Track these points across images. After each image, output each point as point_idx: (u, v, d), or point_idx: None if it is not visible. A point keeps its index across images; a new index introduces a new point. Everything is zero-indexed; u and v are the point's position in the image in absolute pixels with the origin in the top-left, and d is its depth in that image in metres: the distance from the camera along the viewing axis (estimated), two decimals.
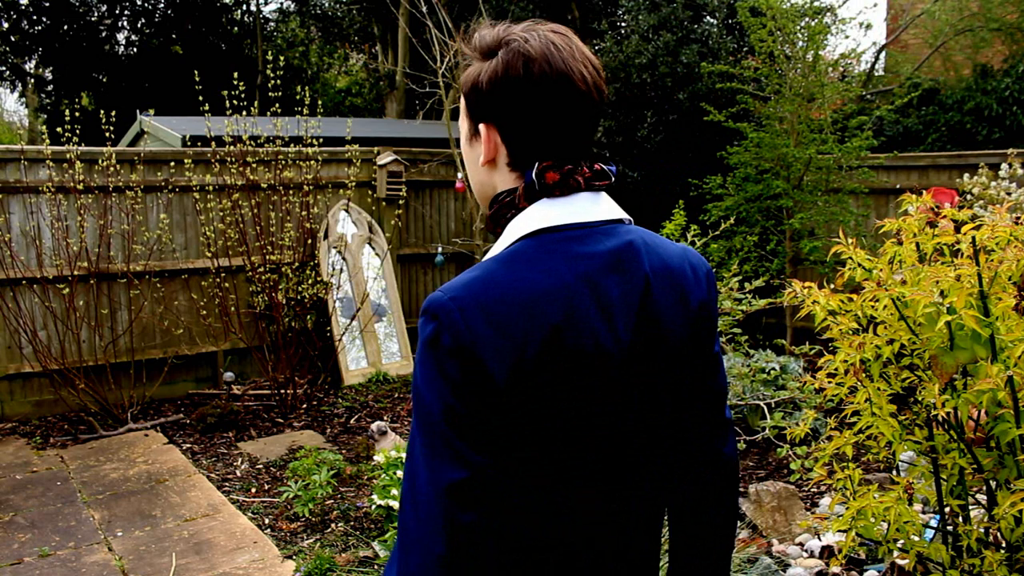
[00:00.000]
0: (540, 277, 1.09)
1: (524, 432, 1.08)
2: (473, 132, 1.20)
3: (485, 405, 1.06)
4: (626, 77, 7.77)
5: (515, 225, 1.16)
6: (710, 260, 5.85)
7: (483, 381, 1.06)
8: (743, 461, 4.65)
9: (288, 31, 18.55)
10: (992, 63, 9.38)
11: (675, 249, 1.24)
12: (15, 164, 5.70)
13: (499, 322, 1.07)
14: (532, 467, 1.10)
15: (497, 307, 1.07)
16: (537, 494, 1.11)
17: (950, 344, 1.68)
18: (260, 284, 6.22)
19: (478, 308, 1.07)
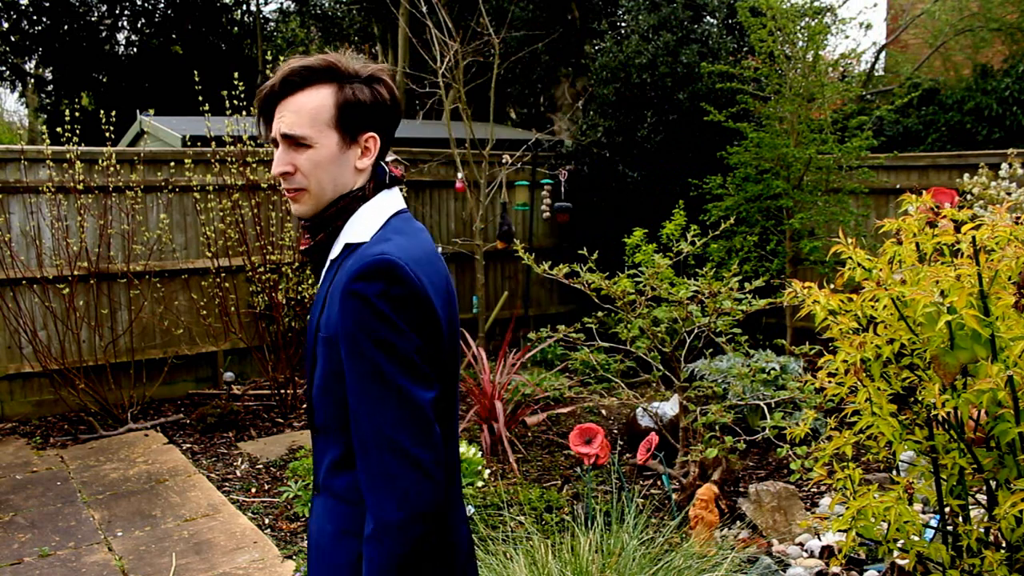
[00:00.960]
0: (424, 242, 1.45)
1: (445, 363, 1.41)
2: (351, 141, 1.43)
3: (434, 340, 1.36)
4: (626, 77, 7.77)
5: (373, 209, 1.45)
6: (710, 260, 5.84)
7: (434, 320, 1.36)
8: (744, 461, 4.65)
9: (288, 31, 18.55)
10: (992, 63, 9.38)
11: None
12: (15, 164, 5.70)
13: (428, 273, 1.38)
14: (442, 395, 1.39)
15: (422, 263, 1.37)
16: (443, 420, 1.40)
17: (950, 344, 1.68)
18: (260, 284, 6.22)
19: (415, 263, 1.35)
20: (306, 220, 1.48)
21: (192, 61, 14.18)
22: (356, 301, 1.30)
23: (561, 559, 3.04)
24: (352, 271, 1.32)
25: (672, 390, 4.94)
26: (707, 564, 3.12)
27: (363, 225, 1.44)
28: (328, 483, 1.45)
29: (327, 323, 1.38)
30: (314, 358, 1.43)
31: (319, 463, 1.48)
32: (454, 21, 6.94)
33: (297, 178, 1.42)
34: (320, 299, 1.44)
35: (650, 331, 4.32)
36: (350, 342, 1.31)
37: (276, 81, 1.40)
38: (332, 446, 1.43)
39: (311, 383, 1.45)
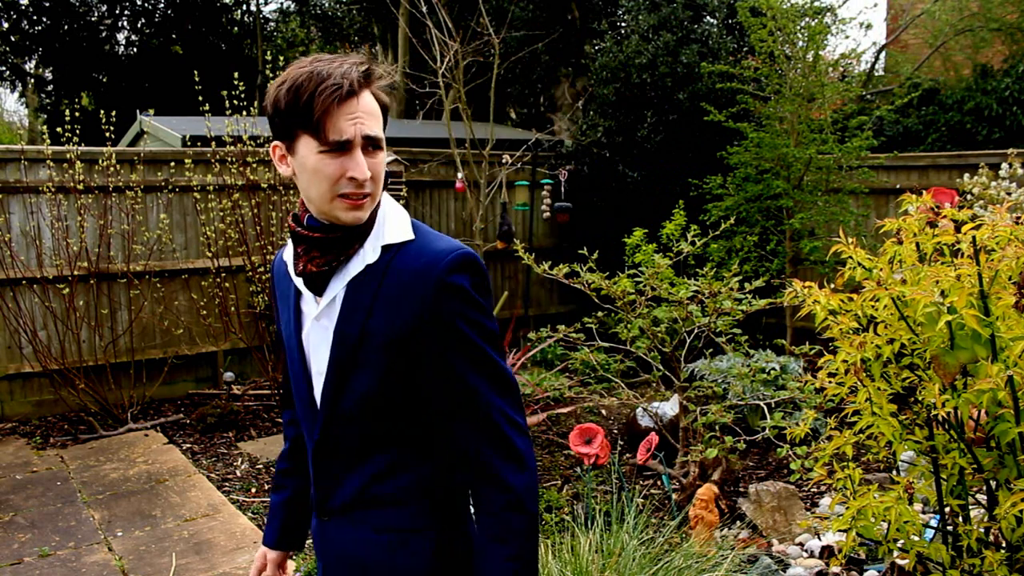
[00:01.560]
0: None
1: None
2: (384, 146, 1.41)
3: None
4: (626, 77, 7.77)
5: (392, 207, 1.45)
6: (710, 260, 5.84)
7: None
8: (744, 461, 4.66)
9: (288, 31, 18.55)
10: (992, 63, 9.38)
11: None
12: (15, 164, 5.70)
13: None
14: None
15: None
16: None
17: (951, 344, 1.68)
18: (260, 284, 6.22)
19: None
20: (330, 232, 1.39)
21: (192, 61, 14.18)
22: (453, 292, 1.34)
23: (561, 559, 3.04)
24: (441, 265, 1.34)
25: (672, 390, 4.94)
26: (707, 564, 3.12)
27: (398, 224, 1.42)
28: (370, 495, 1.42)
29: (388, 328, 1.36)
30: (352, 368, 1.39)
31: (341, 481, 1.44)
32: (454, 21, 6.94)
33: (368, 184, 1.36)
34: (361, 305, 1.38)
35: (650, 331, 4.32)
36: (449, 332, 1.34)
37: (353, 79, 1.32)
38: (377, 455, 1.41)
39: (341, 397, 1.40)
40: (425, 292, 1.34)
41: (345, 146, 1.32)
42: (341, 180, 1.33)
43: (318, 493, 1.48)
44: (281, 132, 1.38)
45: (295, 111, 1.32)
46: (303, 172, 1.36)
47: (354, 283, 1.39)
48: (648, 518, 3.59)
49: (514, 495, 1.37)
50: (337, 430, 1.42)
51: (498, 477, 1.37)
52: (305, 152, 1.34)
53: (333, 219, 1.37)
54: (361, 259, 1.39)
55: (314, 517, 1.52)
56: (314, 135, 1.32)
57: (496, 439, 1.37)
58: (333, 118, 1.31)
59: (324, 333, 1.42)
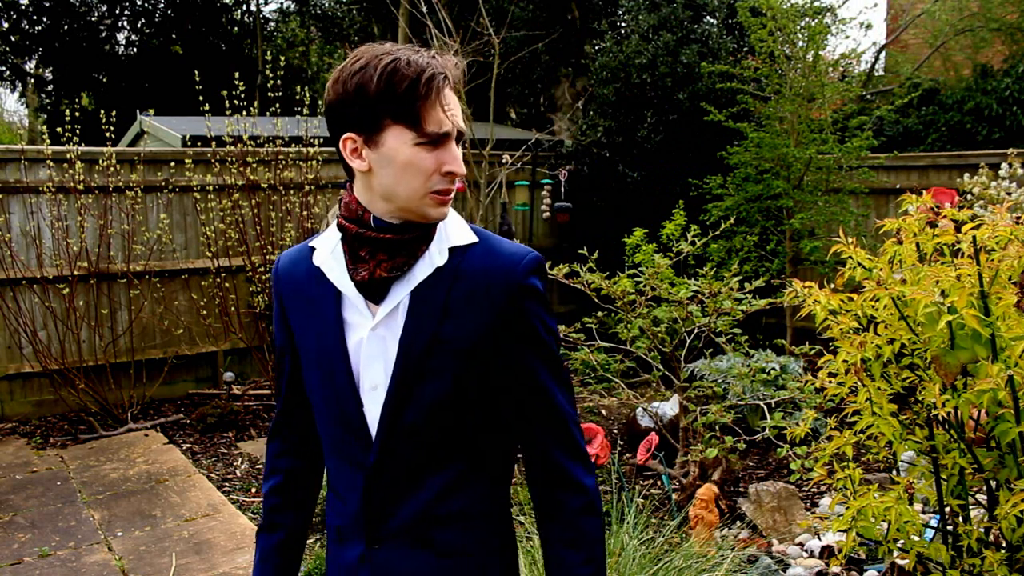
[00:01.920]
0: None
1: None
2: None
3: None
4: (626, 77, 7.76)
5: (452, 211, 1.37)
6: (710, 260, 5.84)
7: None
8: (744, 461, 4.65)
9: (288, 31, 18.54)
10: (992, 63, 9.37)
11: None
12: (15, 164, 5.70)
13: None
14: None
15: None
16: None
17: (951, 344, 1.68)
18: (260, 284, 6.22)
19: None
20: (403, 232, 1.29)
21: (192, 61, 14.17)
22: (531, 297, 1.32)
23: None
24: (519, 268, 1.30)
25: (672, 390, 4.94)
26: (707, 564, 3.12)
27: (459, 226, 1.36)
28: (433, 515, 1.33)
29: (462, 332, 1.29)
30: (420, 379, 1.29)
31: (400, 502, 1.33)
32: (454, 21, 6.94)
33: (458, 181, 1.30)
34: (431, 311, 1.29)
35: (650, 331, 4.32)
36: (526, 334, 1.32)
37: (450, 70, 1.25)
38: (439, 472, 1.32)
39: (405, 410, 1.30)
40: (502, 294, 1.29)
41: (443, 139, 1.25)
42: (435, 175, 1.25)
43: (370, 517, 1.34)
44: (362, 122, 1.25)
45: (390, 99, 1.21)
46: (389, 166, 1.25)
47: (420, 288, 1.30)
48: (648, 518, 3.59)
49: (587, 497, 1.35)
50: (398, 448, 1.32)
51: (572, 479, 1.34)
52: (396, 144, 1.24)
53: (420, 216, 1.28)
54: (428, 262, 1.31)
55: (353, 548, 1.37)
56: (411, 126, 1.22)
57: (567, 442, 1.35)
58: (434, 108, 1.22)
59: (382, 344, 1.31)
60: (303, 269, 1.40)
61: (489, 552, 1.37)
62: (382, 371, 1.31)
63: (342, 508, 1.39)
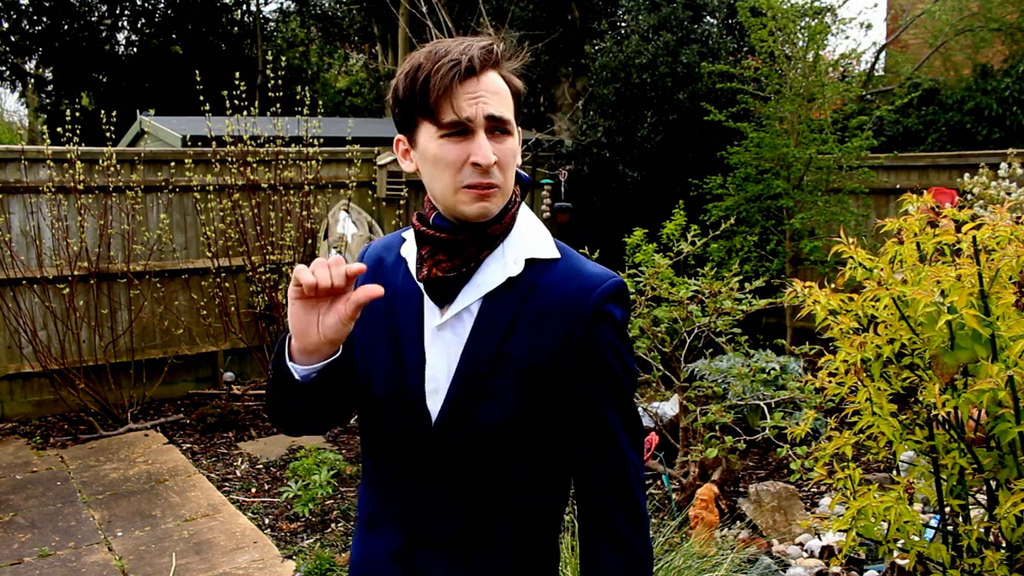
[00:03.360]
0: None
1: None
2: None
3: None
4: (626, 77, 7.76)
5: (531, 217, 1.32)
6: (710, 260, 5.84)
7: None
8: (744, 461, 4.65)
9: (288, 31, 18.54)
10: (992, 63, 9.37)
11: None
12: (15, 164, 5.70)
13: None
14: None
15: None
16: None
17: (951, 344, 1.68)
18: (260, 284, 6.22)
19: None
20: (457, 232, 1.24)
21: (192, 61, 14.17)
22: (608, 325, 1.23)
23: (561, 559, 3.04)
24: (599, 291, 1.23)
25: (672, 390, 4.94)
26: (707, 564, 3.12)
27: (542, 239, 1.28)
28: (478, 532, 1.28)
29: (528, 352, 1.22)
30: (480, 395, 1.23)
31: (447, 512, 1.28)
32: (454, 21, 6.94)
33: (495, 172, 1.21)
34: (500, 322, 1.24)
35: (650, 331, 4.32)
36: (597, 366, 1.23)
37: (474, 56, 1.18)
38: (486, 490, 1.27)
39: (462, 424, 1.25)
40: (577, 318, 1.21)
41: (466, 128, 1.19)
42: (464, 168, 1.20)
43: (414, 518, 1.30)
44: (403, 123, 1.26)
45: (413, 96, 1.20)
46: (424, 164, 1.24)
47: (491, 297, 1.25)
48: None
49: (632, 561, 1.25)
50: (449, 459, 1.27)
51: (620, 538, 1.25)
52: (425, 140, 1.22)
53: (458, 215, 1.23)
54: (501, 270, 1.25)
55: (385, 542, 1.34)
56: (432, 119, 1.20)
57: (625, 496, 1.26)
58: (450, 98, 1.18)
59: (445, 347, 1.27)
60: (393, 257, 1.38)
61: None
62: (443, 375, 1.26)
63: (379, 501, 1.35)
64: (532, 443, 1.26)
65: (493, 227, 1.25)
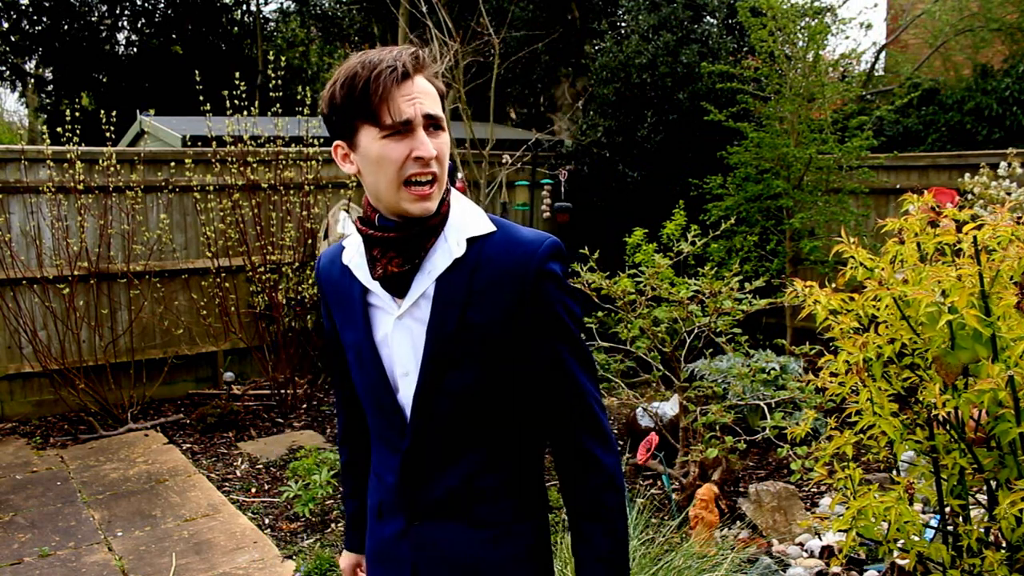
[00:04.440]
0: None
1: None
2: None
3: None
4: (626, 77, 7.76)
5: (461, 199, 1.44)
6: (710, 260, 5.84)
7: None
8: (744, 461, 4.65)
9: (288, 31, 18.54)
10: (992, 63, 9.37)
11: None
12: (15, 164, 5.70)
13: None
14: None
15: None
16: None
17: (951, 344, 1.68)
18: (260, 284, 6.22)
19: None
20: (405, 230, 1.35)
21: (192, 61, 14.17)
22: (551, 282, 1.37)
23: (561, 559, 3.04)
24: (539, 253, 1.35)
25: (672, 390, 4.94)
26: (707, 564, 3.12)
27: (476, 217, 1.41)
28: (465, 492, 1.42)
29: (486, 319, 1.35)
30: (449, 365, 1.37)
31: (434, 482, 1.43)
32: (454, 21, 6.94)
33: (434, 164, 1.32)
34: (455, 299, 1.36)
35: (650, 331, 4.32)
36: (549, 321, 1.37)
37: (406, 62, 1.30)
38: (471, 454, 1.41)
39: (436, 396, 1.38)
40: (524, 280, 1.34)
41: (407, 126, 1.30)
42: (407, 162, 1.31)
43: (407, 497, 1.45)
44: (341, 129, 1.35)
45: (352, 102, 1.30)
46: (367, 164, 1.34)
47: (443, 279, 1.37)
48: (648, 518, 3.59)
49: (607, 474, 1.41)
50: (430, 431, 1.41)
51: (593, 457, 1.40)
52: (367, 142, 1.32)
53: (401, 212, 1.34)
54: (447, 253, 1.38)
55: (392, 524, 1.48)
56: (374, 122, 1.30)
57: (591, 423, 1.41)
58: (391, 101, 1.29)
59: (408, 333, 1.40)
60: (338, 266, 1.50)
61: (520, 522, 1.45)
62: (412, 358, 1.39)
63: (383, 488, 1.50)
64: (502, 401, 1.40)
65: (433, 219, 1.36)
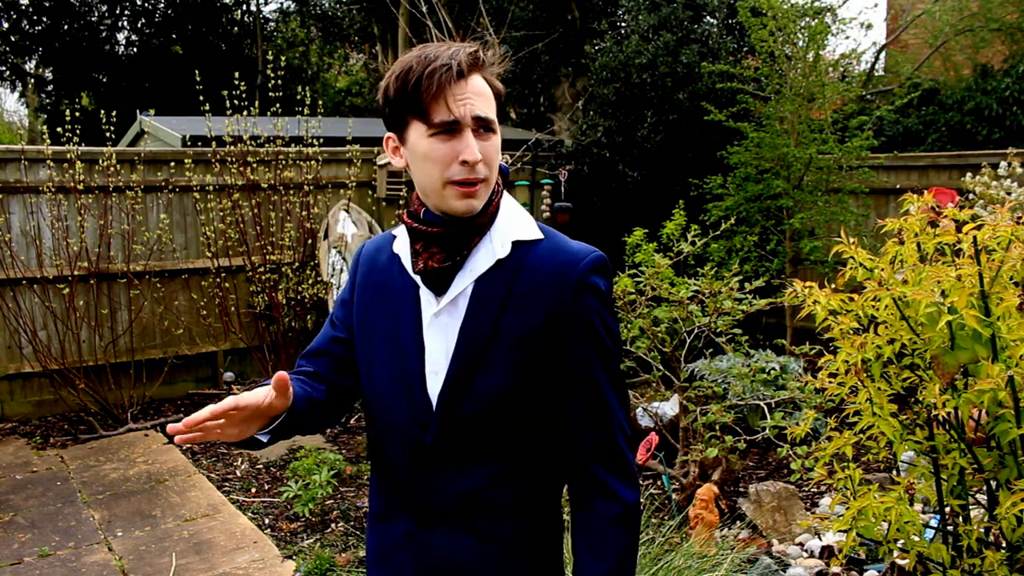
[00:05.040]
0: None
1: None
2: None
3: None
4: (626, 77, 7.76)
5: (513, 203, 1.40)
6: (710, 260, 5.84)
7: None
8: (744, 461, 4.65)
9: (288, 31, 18.54)
10: (992, 63, 9.37)
11: None
12: (15, 164, 5.70)
13: None
14: None
15: None
16: None
17: (951, 344, 1.68)
18: (260, 284, 6.22)
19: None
20: (450, 226, 1.32)
21: (192, 61, 14.17)
22: (592, 294, 1.33)
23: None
24: (582, 265, 1.32)
25: (672, 390, 4.94)
26: (707, 564, 3.12)
27: (525, 222, 1.38)
28: (480, 502, 1.36)
29: (522, 324, 1.31)
30: (479, 368, 1.33)
31: (449, 487, 1.36)
32: (454, 21, 6.95)
33: (481, 168, 1.30)
34: (493, 301, 1.33)
35: (650, 331, 4.32)
36: (585, 331, 1.33)
37: (462, 60, 1.27)
38: (490, 461, 1.35)
39: (464, 398, 1.33)
40: (564, 290, 1.31)
41: (454, 127, 1.27)
42: (452, 164, 1.28)
43: (419, 500, 1.39)
44: (393, 122, 1.34)
45: (404, 96, 1.28)
46: (415, 160, 1.33)
47: (483, 279, 1.34)
48: (648, 518, 3.59)
49: (623, 509, 1.34)
50: (453, 433, 1.35)
51: (610, 488, 1.34)
52: (415, 138, 1.31)
53: (446, 210, 1.32)
54: (490, 254, 1.35)
55: (397, 526, 1.42)
56: (423, 118, 1.28)
57: (613, 450, 1.35)
58: (441, 99, 1.27)
59: (443, 331, 1.36)
60: (386, 256, 1.46)
61: (532, 541, 1.39)
62: (443, 357, 1.35)
63: (389, 489, 1.44)
64: (529, 410, 1.34)
65: (480, 218, 1.33)
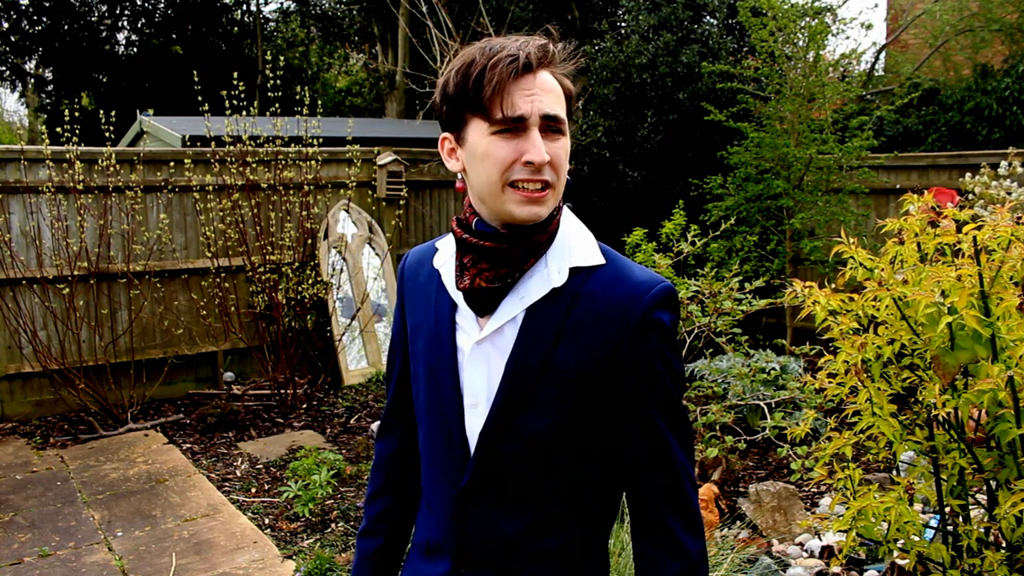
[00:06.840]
0: None
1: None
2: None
3: None
4: (626, 77, 7.76)
5: (576, 222, 1.28)
6: (710, 260, 5.84)
7: None
8: (744, 461, 4.65)
9: (288, 31, 18.55)
10: (992, 63, 9.38)
11: None
12: (15, 164, 5.70)
13: None
14: None
15: None
16: None
17: (951, 344, 1.68)
18: (260, 284, 6.22)
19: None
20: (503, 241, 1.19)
21: (192, 61, 14.17)
22: (656, 332, 1.20)
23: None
24: (647, 298, 1.19)
25: None
26: None
27: (587, 245, 1.25)
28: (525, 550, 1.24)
29: (576, 362, 1.19)
30: (525, 406, 1.20)
31: (492, 531, 1.25)
32: (454, 21, 6.95)
33: (547, 171, 1.16)
34: (545, 333, 1.20)
35: None
36: (646, 373, 1.20)
37: (529, 52, 1.15)
38: (535, 504, 1.24)
39: (506, 437, 1.21)
40: (625, 327, 1.18)
41: (519, 124, 1.15)
42: (515, 165, 1.16)
43: (458, 541, 1.27)
44: (450, 120, 1.22)
45: (464, 91, 1.16)
46: (473, 161, 1.19)
47: (535, 307, 1.21)
48: None
49: (690, 563, 1.23)
50: (494, 474, 1.23)
51: (676, 541, 1.22)
52: (475, 137, 1.18)
53: (507, 217, 1.18)
54: (544, 280, 1.21)
55: (438, 565, 1.31)
56: (484, 115, 1.16)
57: (679, 500, 1.23)
58: (506, 94, 1.14)
59: (486, 360, 1.23)
60: (427, 269, 1.34)
61: None
62: (484, 389, 1.23)
63: (434, 523, 1.33)
64: (578, 452, 1.23)
65: (539, 235, 1.20)
